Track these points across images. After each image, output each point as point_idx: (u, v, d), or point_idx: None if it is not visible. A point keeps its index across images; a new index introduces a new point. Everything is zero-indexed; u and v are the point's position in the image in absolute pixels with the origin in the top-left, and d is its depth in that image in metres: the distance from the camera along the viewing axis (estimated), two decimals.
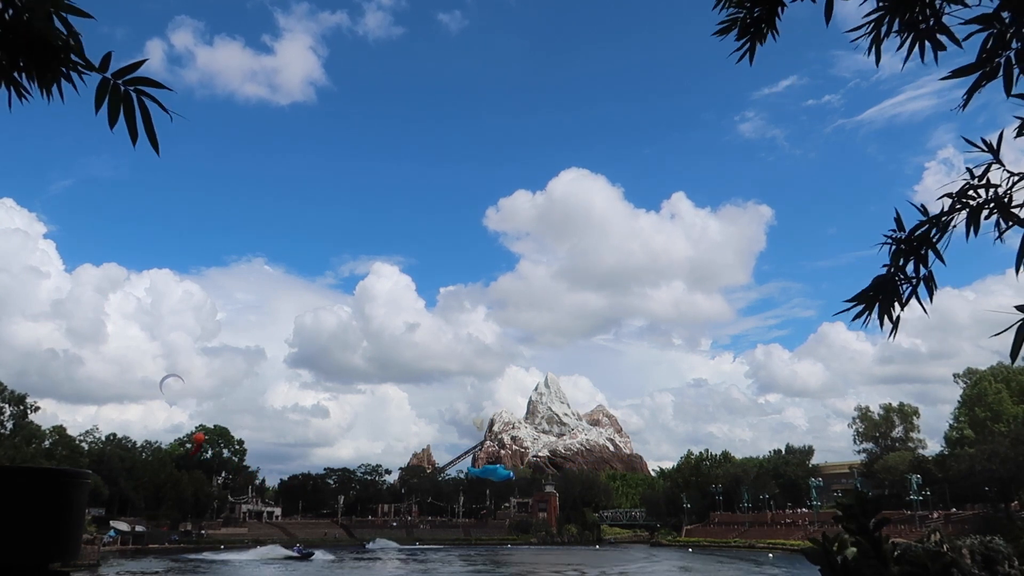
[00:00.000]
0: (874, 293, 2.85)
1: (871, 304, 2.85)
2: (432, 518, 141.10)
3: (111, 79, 2.18)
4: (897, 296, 2.83)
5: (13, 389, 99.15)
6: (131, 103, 2.20)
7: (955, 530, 68.06)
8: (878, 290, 2.85)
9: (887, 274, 2.84)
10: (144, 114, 2.21)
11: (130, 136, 2.19)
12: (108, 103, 2.18)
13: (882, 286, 2.85)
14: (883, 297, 2.84)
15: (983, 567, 12.15)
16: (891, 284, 2.83)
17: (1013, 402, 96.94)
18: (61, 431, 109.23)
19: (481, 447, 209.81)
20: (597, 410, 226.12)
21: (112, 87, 2.18)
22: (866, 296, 2.86)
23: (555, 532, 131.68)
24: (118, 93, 2.18)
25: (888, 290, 2.84)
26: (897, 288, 2.83)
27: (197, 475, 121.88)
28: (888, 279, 2.84)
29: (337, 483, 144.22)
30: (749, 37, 3.24)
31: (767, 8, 3.19)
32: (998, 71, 2.61)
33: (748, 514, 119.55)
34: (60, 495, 2.08)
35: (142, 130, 2.24)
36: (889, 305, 2.84)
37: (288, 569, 78.75)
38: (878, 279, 2.86)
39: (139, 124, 2.24)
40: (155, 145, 2.24)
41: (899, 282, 2.83)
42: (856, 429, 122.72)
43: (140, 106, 2.20)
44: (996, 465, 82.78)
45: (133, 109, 2.20)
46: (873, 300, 2.85)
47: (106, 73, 2.18)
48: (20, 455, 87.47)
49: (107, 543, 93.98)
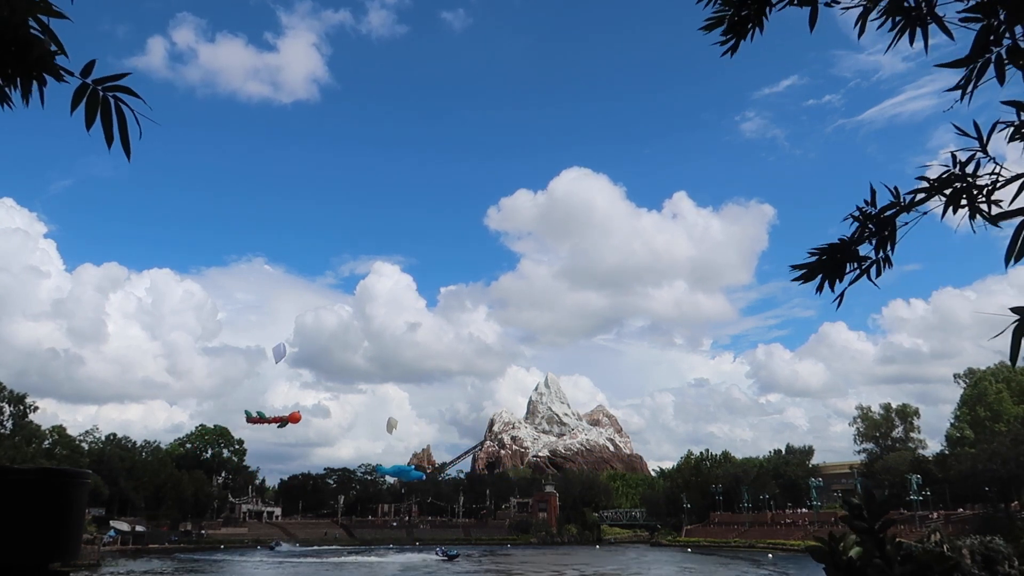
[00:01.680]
0: (823, 260, 2.98)
1: (813, 274, 2.98)
2: (432, 518, 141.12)
3: (91, 84, 2.26)
4: (839, 272, 2.95)
5: (13, 389, 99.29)
6: (108, 108, 2.27)
7: (955, 530, 68.08)
8: (828, 255, 2.97)
9: (839, 243, 2.94)
10: (120, 119, 2.29)
11: (105, 139, 2.27)
12: (85, 106, 2.26)
13: (830, 253, 2.96)
14: (826, 269, 2.97)
15: (983, 567, 12.11)
16: (841, 256, 2.94)
17: (1013, 402, 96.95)
18: (61, 431, 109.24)
19: (481, 447, 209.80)
20: (597, 410, 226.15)
21: (91, 91, 2.26)
22: (813, 265, 2.99)
23: (555, 532, 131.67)
24: (96, 97, 2.26)
25: (834, 261, 2.95)
26: (843, 263, 2.95)
27: (197, 475, 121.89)
28: (839, 248, 2.94)
29: (337, 483, 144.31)
30: (734, 33, 3.28)
31: (755, 10, 3.22)
32: (988, 65, 2.61)
33: (748, 514, 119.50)
34: (60, 495, 2.07)
35: (118, 135, 2.31)
36: (833, 277, 2.96)
37: (296, 569, 78.71)
38: (828, 249, 2.96)
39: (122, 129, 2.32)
40: (127, 150, 2.31)
41: (849, 257, 2.94)
42: (856, 429, 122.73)
43: (117, 112, 2.28)
44: (997, 465, 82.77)
45: (110, 114, 2.27)
46: (816, 271, 2.98)
47: (88, 79, 2.25)
48: (20, 455, 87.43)
49: (107, 543, 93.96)
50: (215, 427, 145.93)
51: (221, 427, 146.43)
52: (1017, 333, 2.22)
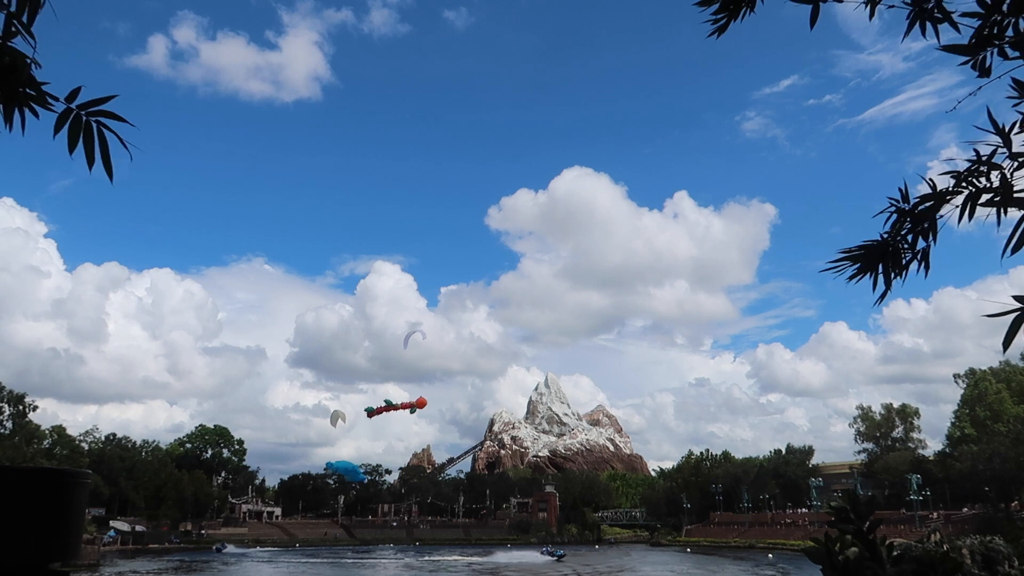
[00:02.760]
0: (870, 256, 2.84)
1: (872, 265, 2.84)
2: (432, 518, 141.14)
3: (75, 109, 2.29)
4: (898, 262, 2.83)
5: (12, 389, 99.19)
6: (91, 133, 2.30)
7: (955, 530, 68.01)
8: (872, 254, 2.84)
9: (882, 240, 2.83)
10: (103, 144, 2.32)
11: (87, 162, 2.30)
12: (68, 130, 2.29)
13: (876, 251, 2.84)
14: (884, 260, 2.83)
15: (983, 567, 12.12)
16: (893, 249, 2.82)
17: (1013, 402, 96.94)
18: (61, 431, 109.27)
19: (481, 447, 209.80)
20: (597, 410, 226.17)
21: (74, 116, 2.29)
22: (861, 257, 2.85)
23: (555, 532, 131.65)
24: (79, 122, 2.29)
25: (890, 253, 2.83)
26: (900, 255, 2.83)
27: (197, 475, 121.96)
28: (883, 245, 2.83)
29: (337, 483, 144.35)
30: (726, 12, 3.27)
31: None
32: (991, 57, 2.62)
33: (748, 514, 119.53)
34: (60, 495, 2.07)
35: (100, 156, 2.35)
36: (890, 269, 2.83)
37: (298, 570, 78.67)
38: (873, 245, 2.85)
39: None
40: (109, 173, 2.34)
41: (902, 249, 2.82)
42: (857, 429, 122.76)
43: (100, 136, 2.31)
44: (997, 464, 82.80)
45: (92, 138, 2.30)
46: (874, 261, 2.83)
47: (73, 103, 2.29)
48: (20, 455, 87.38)
49: (107, 543, 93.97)
50: (215, 427, 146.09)
51: (221, 427, 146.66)
52: (1017, 321, 2.23)
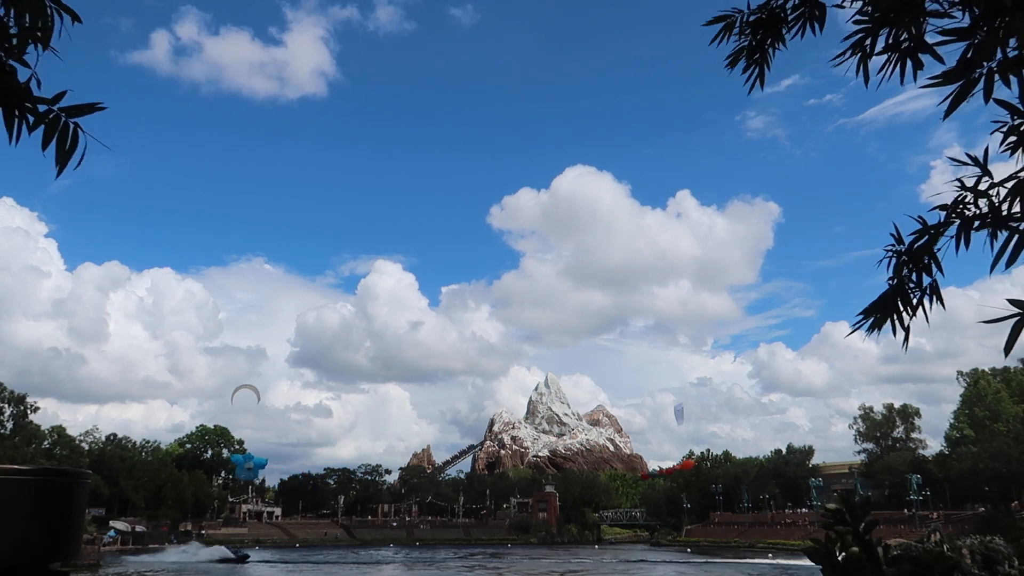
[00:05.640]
0: (884, 305, 2.88)
1: (885, 316, 2.88)
2: (432, 518, 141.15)
3: (55, 110, 2.32)
4: (909, 304, 2.87)
5: (13, 389, 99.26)
6: (66, 133, 2.33)
7: (955, 530, 68.01)
8: (886, 303, 2.88)
9: (893, 287, 2.88)
10: (74, 144, 2.34)
11: (57, 164, 2.32)
12: (44, 129, 2.31)
13: (890, 299, 2.88)
14: (896, 309, 2.87)
15: (983, 567, 12.13)
16: (901, 294, 2.87)
17: (1013, 402, 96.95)
18: (61, 431, 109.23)
19: (481, 447, 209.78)
20: (597, 410, 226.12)
21: (52, 117, 2.32)
22: (876, 309, 2.90)
23: (555, 532, 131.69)
24: (57, 123, 2.32)
25: (897, 302, 2.87)
26: (908, 297, 2.87)
27: (197, 475, 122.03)
28: (894, 292, 2.87)
29: (337, 483, 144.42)
30: (756, 63, 3.28)
31: (771, 32, 3.22)
32: (978, 82, 2.62)
33: (748, 514, 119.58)
34: (60, 495, 2.08)
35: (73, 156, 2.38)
36: (901, 317, 2.87)
37: (288, 570, 78.69)
38: (884, 294, 2.90)
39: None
40: (62, 166, 2.35)
41: (910, 291, 2.86)
42: (857, 429, 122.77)
43: (74, 137, 2.34)
44: (997, 464, 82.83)
45: (66, 139, 2.33)
46: (886, 313, 2.88)
47: (56, 106, 2.31)
48: (20, 455, 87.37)
49: (107, 543, 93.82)
50: (215, 427, 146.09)
51: (221, 427, 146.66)
52: (1017, 326, 2.23)
